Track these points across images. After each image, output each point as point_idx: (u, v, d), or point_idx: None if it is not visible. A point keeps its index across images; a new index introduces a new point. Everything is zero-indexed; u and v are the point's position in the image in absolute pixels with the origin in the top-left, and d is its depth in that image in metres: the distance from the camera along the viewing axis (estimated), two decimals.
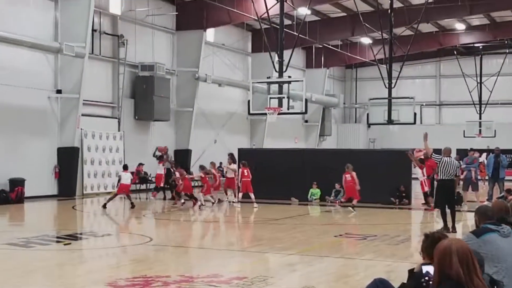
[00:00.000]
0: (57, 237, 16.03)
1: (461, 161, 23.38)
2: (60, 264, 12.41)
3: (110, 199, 23.11)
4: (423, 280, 4.85)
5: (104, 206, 22.58)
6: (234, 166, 24.85)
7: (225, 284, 9.96)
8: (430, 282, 4.72)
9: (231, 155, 25.56)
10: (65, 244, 14.69)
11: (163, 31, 33.14)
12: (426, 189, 23.13)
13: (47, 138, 26.42)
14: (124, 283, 10.11)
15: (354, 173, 22.42)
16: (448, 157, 17.11)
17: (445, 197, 16.97)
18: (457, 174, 17.53)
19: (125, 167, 23.91)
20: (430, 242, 5.98)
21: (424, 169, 23.07)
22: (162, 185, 26.70)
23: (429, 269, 4.86)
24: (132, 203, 22.75)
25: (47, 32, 26.30)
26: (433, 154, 17.43)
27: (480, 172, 30.47)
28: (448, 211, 16.99)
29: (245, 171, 23.79)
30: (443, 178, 16.81)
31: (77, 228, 19.00)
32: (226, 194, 25.51)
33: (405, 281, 6.45)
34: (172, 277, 10.44)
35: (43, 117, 26.22)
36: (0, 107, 24.29)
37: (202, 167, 25.19)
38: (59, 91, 26.68)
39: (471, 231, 7.08)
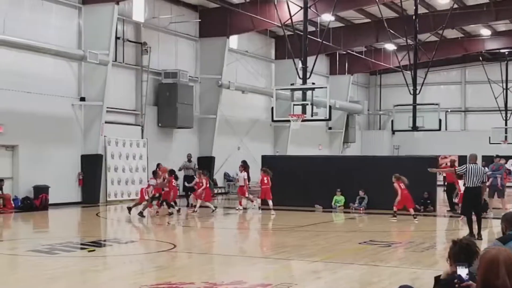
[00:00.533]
0: (81, 244, 16.05)
1: (486, 168, 23.12)
2: (84, 270, 12.41)
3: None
4: (455, 281, 4.74)
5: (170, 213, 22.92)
6: (242, 175, 24.82)
7: None
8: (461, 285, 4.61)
9: (243, 163, 25.56)
10: (89, 251, 14.70)
11: (186, 38, 33.22)
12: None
13: (71, 146, 26.55)
14: None
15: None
16: (474, 164, 16.91)
17: (471, 204, 16.78)
18: (484, 181, 17.31)
19: (154, 174, 23.72)
20: (458, 249, 5.88)
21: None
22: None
23: (462, 272, 4.73)
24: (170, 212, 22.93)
25: (71, 39, 26.46)
26: (456, 168, 17.32)
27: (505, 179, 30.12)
28: (474, 218, 16.81)
29: (265, 178, 23.69)
30: (469, 185, 16.62)
31: (101, 235, 19.03)
32: (240, 203, 25.42)
33: None
34: (196, 284, 10.39)
35: (67, 124, 26.36)
36: (25, 114, 24.44)
37: (201, 172, 25.05)
38: (82, 99, 26.82)
39: (497, 238, 6.96)
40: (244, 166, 25.38)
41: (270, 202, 23.53)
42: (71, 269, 12.45)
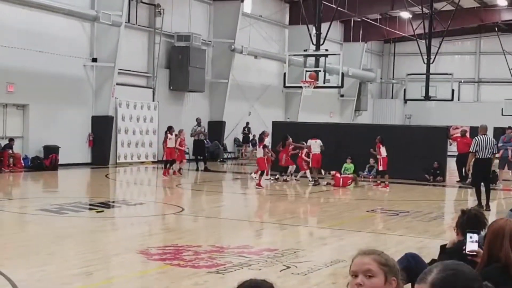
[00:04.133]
0: (90, 205, 16.14)
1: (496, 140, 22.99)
2: (93, 231, 12.50)
3: None
4: (463, 248, 4.72)
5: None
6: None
7: (255, 255, 9.92)
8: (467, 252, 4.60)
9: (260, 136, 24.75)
10: (97, 212, 14.78)
11: (200, 1, 32.99)
12: (381, 168, 22.55)
13: (82, 106, 26.56)
14: (155, 251, 10.14)
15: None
16: (484, 135, 16.79)
17: (481, 175, 16.71)
18: (494, 152, 17.21)
19: (260, 139, 23.30)
20: (467, 218, 5.86)
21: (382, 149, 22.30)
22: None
23: (472, 238, 4.69)
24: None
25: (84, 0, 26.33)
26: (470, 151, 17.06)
27: None
28: (483, 189, 16.75)
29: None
30: (480, 156, 16.51)
31: (110, 196, 19.12)
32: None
33: (436, 258, 6.32)
34: (203, 247, 10.43)
35: (78, 85, 26.34)
36: (36, 74, 24.42)
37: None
38: (94, 60, 26.76)
39: None
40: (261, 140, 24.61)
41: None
42: (79, 229, 12.54)
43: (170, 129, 24.53)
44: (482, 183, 16.73)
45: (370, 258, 3.23)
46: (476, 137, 16.75)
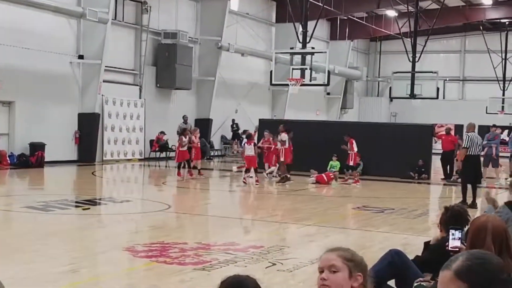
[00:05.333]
0: (76, 202, 16.16)
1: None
2: (79, 228, 12.52)
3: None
4: (446, 244, 4.80)
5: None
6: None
7: (241, 252, 9.99)
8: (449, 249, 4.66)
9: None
10: (84, 209, 14.80)
11: None
12: (351, 163, 22.92)
13: (68, 103, 26.51)
14: (142, 248, 10.18)
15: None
16: (472, 133, 16.89)
17: (473, 171, 16.75)
18: (481, 150, 17.35)
19: (249, 137, 23.07)
20: (450, 215, 5.96)
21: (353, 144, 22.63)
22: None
23: (455, 235, 4.77)
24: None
25: None
26: (462, 147, 17.09)
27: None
28: (468, 186, 16.86)
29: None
30: (471, 153, 16.54)
31: (96, 193, 19.12)
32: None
33: (420, 254, 6.41)
34: (189, 244, 10.49)
35: (64, 82, 26.28)
36: (22, 71, 24.35)
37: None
38: (81, 57, 26.73)
39: (507, 202, 7.01)
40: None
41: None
42: (65, 226, 12.55)
43: (184, 131, 23.95)
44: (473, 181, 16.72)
45: (335, 254, 3.33)
46: (468, 134, 16.82)
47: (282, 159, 22.48)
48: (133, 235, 11.93)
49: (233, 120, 35.69)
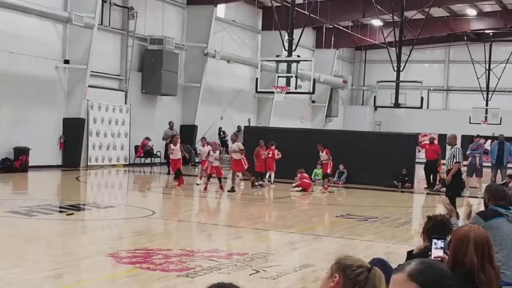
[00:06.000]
0: (60, 207, 16.11)
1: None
2: (62, 233, 12.51)
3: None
4: (429, 253, 4.85)
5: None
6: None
7: (225, 260, 10.02)
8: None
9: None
10: (67, 214, 14.76)
11: (174, 5, 33.01)
12: (329, 171, 23.12)
13: (53, 108, 26.42)
14: (125, 254, 10.18)
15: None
16: (456, 145, 16.85)
17: (460, 184, 16.86)
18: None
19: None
20: (433, 224, 5.99)
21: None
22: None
23: (438, 245, 4.82)
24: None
25: (57, 1, 26.19)
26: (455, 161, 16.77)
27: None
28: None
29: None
30: (460, 165, 16.56)
31: (80, 199, 19.07)
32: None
33: (403, 263, 6.42)
34: (173, 251, 10.51)
35: (50, 87, 26.21)
36: (7, 75, 24.26)
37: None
38: (67, 61, 26.67)
39: (479, 212, 7.03)
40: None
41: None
42: (48, 232, 12.54)
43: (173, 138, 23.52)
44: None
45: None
46: (459, 148, 16.67)
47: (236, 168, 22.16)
48: (116, 241, 11.93)
49: (219, 128, 35.71)
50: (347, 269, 3.34)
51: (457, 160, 16.20)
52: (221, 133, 35.64)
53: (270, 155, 23.85)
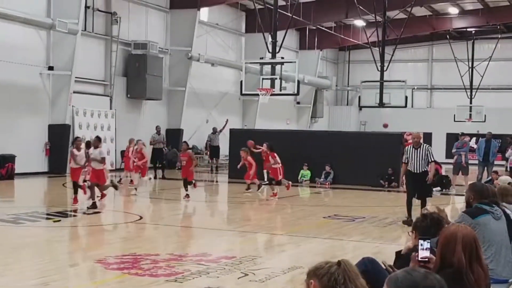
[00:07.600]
0: (47, 214, 16.05)
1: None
2: (49, 240, 12.46)
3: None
4: (415, 254, 4.84)
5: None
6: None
7: (213, 263, 10.03)
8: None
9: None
10: (54, 221, 14.72)
11: (157, 9, 32.99)
12: (280, 177, 21.10)
13: (38, 115, 26.34)
14: (113, 260, 10.17)
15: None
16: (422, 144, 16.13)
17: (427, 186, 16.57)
18: None
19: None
20: (429, 222, 5.82)
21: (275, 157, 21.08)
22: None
23: (424, 246, 4.80)
24: None
25: (40, 7, 26.13)
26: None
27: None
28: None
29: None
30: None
31: (67, 205, 18.98)
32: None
33: (391, 263, 6.46)
34: (161, 256, 10.51)
35: (34, 93, 26.12)
36: None
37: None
38: (51, 68, 26.58)
39: (465, 211, 7.01)
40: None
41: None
42: (35, 239, 12.48)
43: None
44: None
45: None
46: (429, 146, 16.16)
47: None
48: (104, 247, 11.91)
49: (209, 136, 34.85)
50: (317, 270, 3.52)
51: (432, 159, 15.45)
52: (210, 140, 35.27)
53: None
